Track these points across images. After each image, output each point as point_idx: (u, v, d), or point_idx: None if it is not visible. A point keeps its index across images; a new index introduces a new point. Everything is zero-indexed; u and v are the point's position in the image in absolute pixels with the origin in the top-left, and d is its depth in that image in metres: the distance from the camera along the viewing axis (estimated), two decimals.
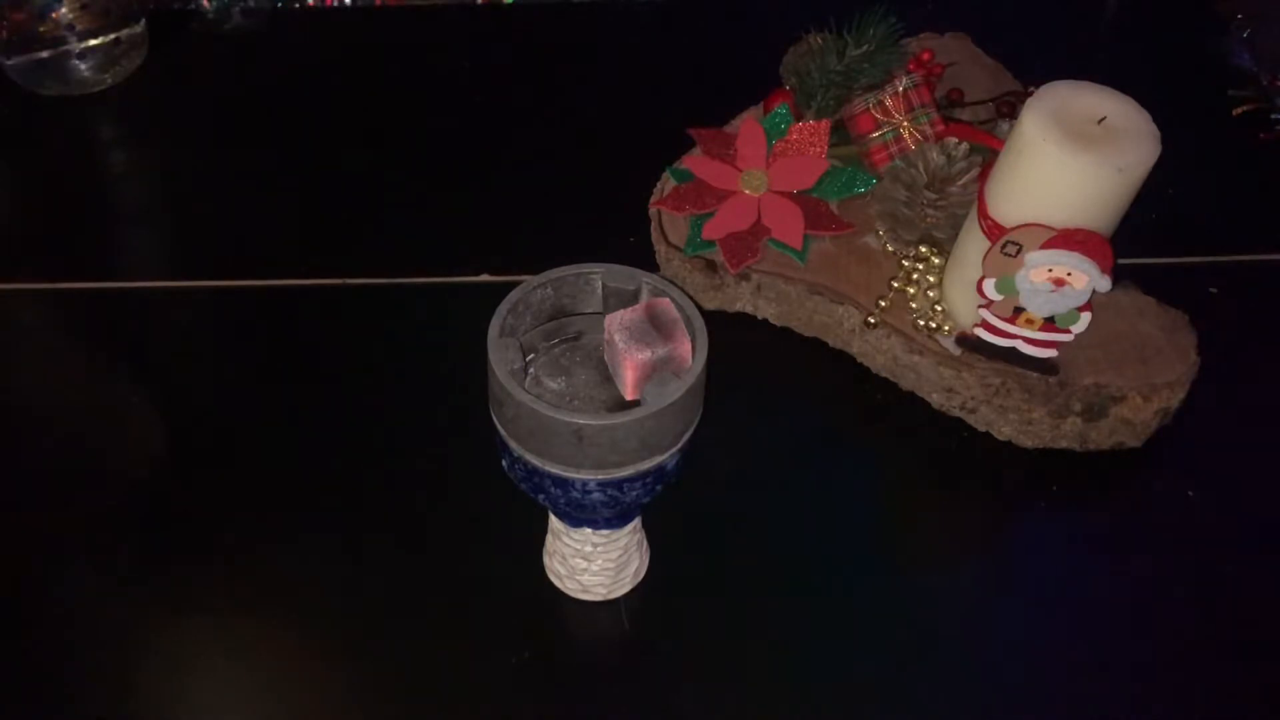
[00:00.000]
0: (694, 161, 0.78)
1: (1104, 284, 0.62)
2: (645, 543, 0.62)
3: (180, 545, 0.64)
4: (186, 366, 0.73)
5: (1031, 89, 0.64)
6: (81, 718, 0.58)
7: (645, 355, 0.50)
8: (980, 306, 0.66)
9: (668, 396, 0.49)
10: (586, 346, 0.55)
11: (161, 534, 0.65)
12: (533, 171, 0.85)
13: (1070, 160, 0.59)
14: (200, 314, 0.76)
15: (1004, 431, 0.69)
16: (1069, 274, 0.62)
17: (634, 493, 0.52)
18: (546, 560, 0.62)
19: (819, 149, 0.77)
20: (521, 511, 0.60)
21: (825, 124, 0.77)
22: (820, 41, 0.79)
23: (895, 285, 0.71)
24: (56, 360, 0.74)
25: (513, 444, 0.52)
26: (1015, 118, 0.68)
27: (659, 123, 0.81)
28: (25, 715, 0.58)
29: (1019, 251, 0.62)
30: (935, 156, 0.71)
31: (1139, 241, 0.70)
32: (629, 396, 0.51)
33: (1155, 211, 0.77)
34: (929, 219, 0.72)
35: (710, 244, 0.74)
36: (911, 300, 0.71)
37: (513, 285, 0.53)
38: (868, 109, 0.76)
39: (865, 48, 0.77)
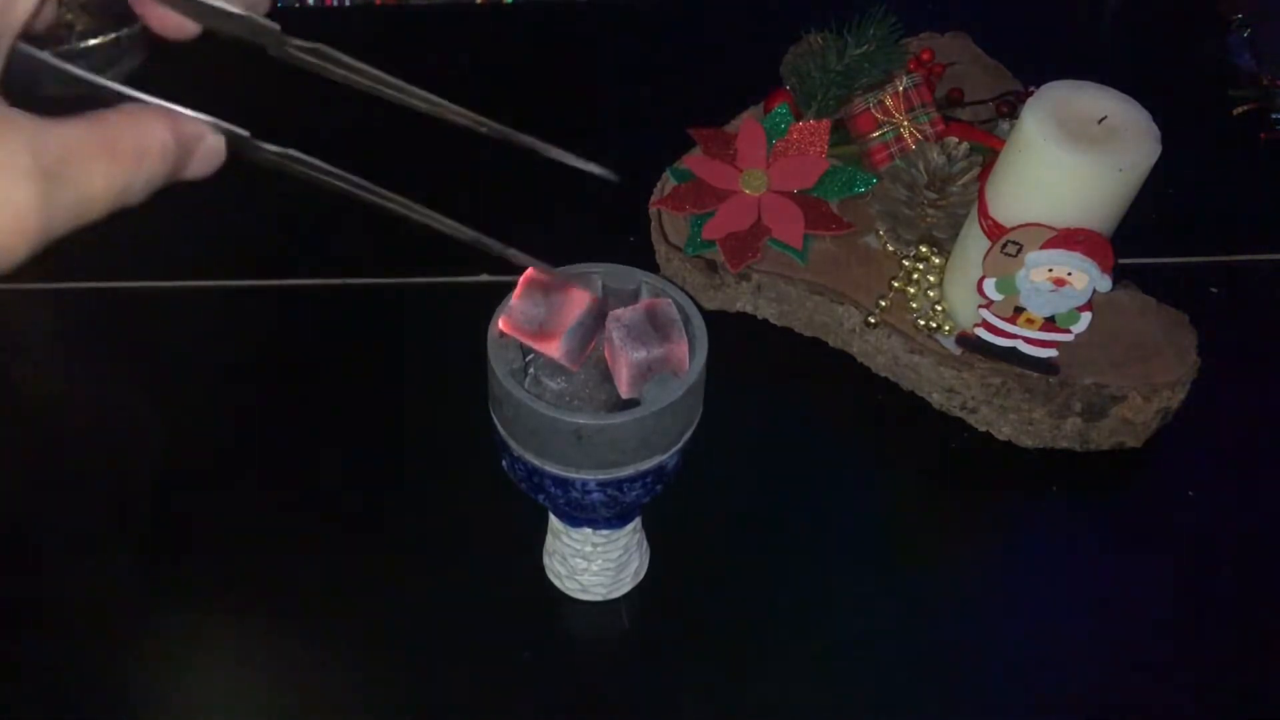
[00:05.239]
0: (694, 161, 0.77)
1: (1104, 284, 0.62)
2: (645, 543, 0.62)
3: (179, 545, 0.64)
4: (186, 366, 0.73)
5: (1031, 89, 0.64)
6: (82, 717, 0.58)
7: (640, 355, 0.50)
8: (980, 306, 0.66)
9: (667, 396, 0.49)
10: None
11: (161, 534, 0.65)
12: (533, 171, 0.85)
13: (1070, 160, 0.59)
14: (201, 314, 0.76)
15: (1004, 431, 0.69)
16: (1069, 274, 0.62)
17: (634, 493, 0.52)
18: (546, 560, 0.62)
19: (819, 149, 0.77)
20: (521, 511, 0.60)
21: (825, 124, 0.77)
22: (820, 41, 0.79)
23: (895, 285, 0.71)
24: (57, 360, 0.74)
25: (513, 444, 0.51)
26: (1015, 118, 0.68)
27: (659, 123, 0.81)
28: (25, 715, 0.58)
29: (1019, 251, 0.62)
30: (935, 156, 0.71)
31: (1139, 241, 0.70)
32: (624, 394, 0.51)
33: (1155, 211, 0.77)
34: (929, 219, 0.72)
35: (710, 244, 0.74)
36: (912, 300, 0.71)
37: (513, 285, 0.53)
38: (868, 109, 0.76)
39: (865, 48, 0.77)
